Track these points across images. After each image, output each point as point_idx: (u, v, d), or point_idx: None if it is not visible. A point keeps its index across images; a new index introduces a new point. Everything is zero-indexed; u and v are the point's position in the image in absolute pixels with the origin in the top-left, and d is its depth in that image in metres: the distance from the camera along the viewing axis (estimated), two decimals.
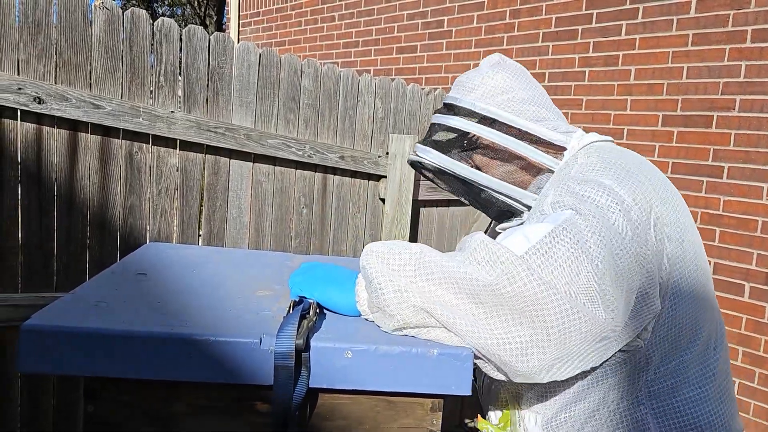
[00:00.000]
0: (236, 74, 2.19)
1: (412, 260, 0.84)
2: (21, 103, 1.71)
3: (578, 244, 0.83)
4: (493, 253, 0.81)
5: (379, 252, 0.86)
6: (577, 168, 0.99)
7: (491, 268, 0.80)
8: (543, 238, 0.84)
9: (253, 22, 6.06)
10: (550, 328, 0.78)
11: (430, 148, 1.12)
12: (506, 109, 1.08)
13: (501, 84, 1.10)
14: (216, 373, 0.72)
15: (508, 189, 1.09)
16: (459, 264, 0.82)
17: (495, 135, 1.07)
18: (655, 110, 2.97)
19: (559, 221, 0.86)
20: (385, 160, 2.66)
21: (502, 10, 3.69)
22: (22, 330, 0.68)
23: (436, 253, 0.86)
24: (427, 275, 0.83)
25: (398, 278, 0.83)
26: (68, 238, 1.87)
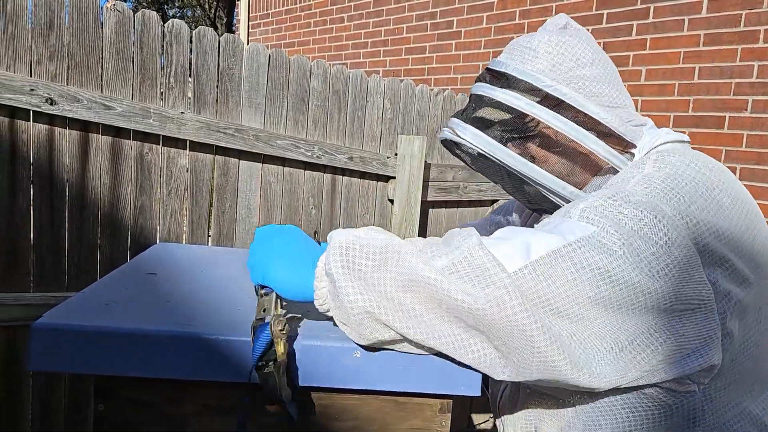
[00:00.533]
0: (246, 75, 2.20)
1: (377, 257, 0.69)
2: (33, 104, 1.73)
3: (584, 272, 0.68)
4: (482, 268, 0.67)
5: (343, 245, 0.70)
6: (636, 182, 0.79)
7: (476, 288, 0.66)
8: (546, 255, 0.69)
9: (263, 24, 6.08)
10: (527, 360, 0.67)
11: (472, 127, 0.90)
12: (577, 89, 0.87)
13: (572, 55, 0.88)
14: (224, 372, 0.72)
15: (563, 188, 0.89)
16: (438, 274, 0.67)
17: (560, 122, 0.86)
18: (666, 111, 2.95)
19: (574, 238, 0.70)
20: (394, 160, 2.66)
21: (512, 10, 3.68)
22: (33, 328, 0.68)
23: (408, 250, 0.70)
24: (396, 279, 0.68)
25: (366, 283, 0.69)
26: (79, 238, 1.88)
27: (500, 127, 0.90)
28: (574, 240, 0.70)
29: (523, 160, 0.89)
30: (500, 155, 0.89)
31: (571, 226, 0.73)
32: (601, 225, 0.71)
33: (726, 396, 0.81)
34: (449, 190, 2.88)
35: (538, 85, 0.87)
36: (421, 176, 2.65)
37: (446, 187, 2.87)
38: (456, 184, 2.90)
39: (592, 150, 0.88)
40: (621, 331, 0.70)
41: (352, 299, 0.69)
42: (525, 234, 0.73)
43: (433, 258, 0.70)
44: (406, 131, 2.76)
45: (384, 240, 0.71)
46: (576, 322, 0.69)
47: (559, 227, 0.74)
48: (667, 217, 0.72)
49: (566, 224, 0.74)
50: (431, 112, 2.88)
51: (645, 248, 0.70)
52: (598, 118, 0.87)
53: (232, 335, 0.72)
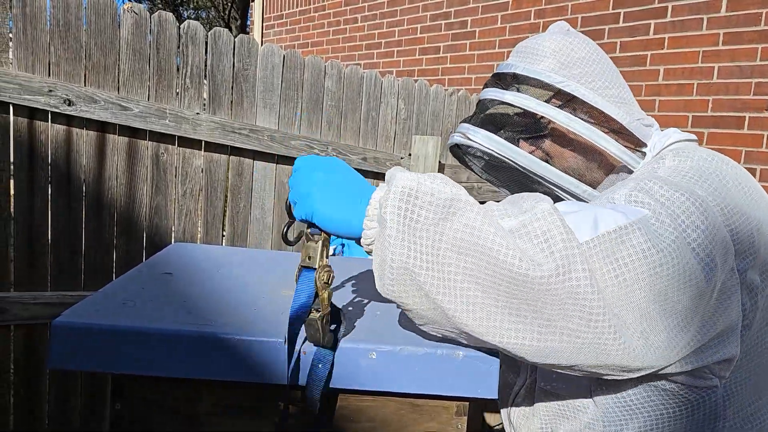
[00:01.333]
0: (260, 76, 2.21)
1: (440, 210, 0.62)
2: (52, 105, 1.75)
3: (648, 253, 0.65)
4: (553, 233, 0.62)
5: (405, 190, 0.62)
6: (666, 170, 0.79)
7: (544, 253, 0.61)
8: (614, 230, 0.65)
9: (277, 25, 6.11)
10: (577, 339, 0.64)
11: (484, 130, 0.88)
12: (587, 86, 0.86)
13: (578, 53, 0.87)
14: (240, 372, 0.72)
15: (577, 187, 0.87)
16: (503, 238, 0.61)
17: (572, 120, 0.85)
18: (684, 111, 2.91)
19: (634, 218, 0.67)
20: (408, 161, 2.65)
21: (527, 10, 3.66)
22: (52, 326, 0.69)
23: (475, 208, 0.63)
24: (455, 238, 0.61)
25: (418, 237, 0.62)
26: (96, 237, 1.90)
27: (512, 128, 0.89)
28: (635, 220, 0.67)
29: (536, 160, 0.87)
30: (513, 156, 0.87)
31: (625, 208, 0.70)
32: (652, 208, 0.69)
33: (746, 391, 0.80)
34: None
35: (549, 81, 0.86)
36: None
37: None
38: (470, 185, 2.89)
39: (604, 148, 0.86)
40: (670, 312, 0.67)
41: (397, 252, 0.62)
42: (591, 208, 0.70)
43: (502, 218, 0.65)
44: (420, 131, 2.75)
45: (450, 192, 0.63)
46: (634, 300, 0.65)
47: (615, 207, 0.70)
48: (705, 203, 0.71)
49: (618, 207, 0.71)
50: (445, 112, 2.87)
51: (691, 232, 0.68)
52: (611, 113, 0.85)
53: (248, 335, 0.72)
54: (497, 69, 0.95)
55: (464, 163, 1.00)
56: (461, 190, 0.65)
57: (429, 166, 2.62)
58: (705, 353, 0.73)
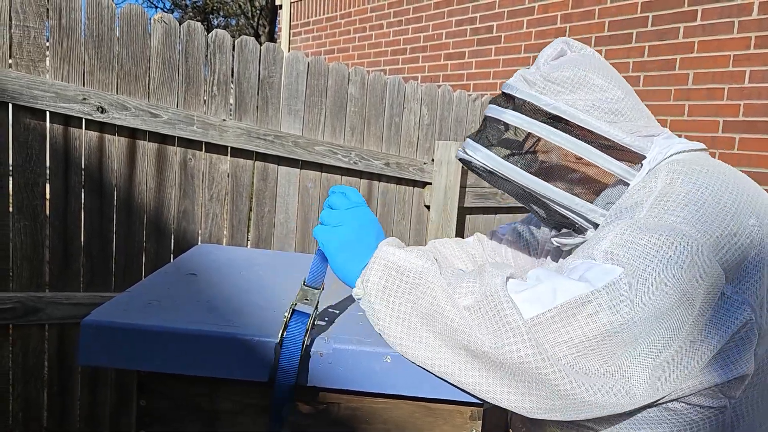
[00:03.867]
0: (285, 83, 2.25)
1: (409, 281, 0.76)
2: (85, 113, 1.81)
3: (608, 322, 0.69)
4: (499, 312, 0.70)
5: (383, 263, 0.78)
6: (654, 201, 0.80)
7: (489, 331, 0.70)
8: (571, 300, 0.70)
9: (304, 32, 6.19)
10: (552, 401, 0.70)
11: (482, 147, 0.94)
12: (575, 105, 0.90)
13: (573, 74, 0.92)
14: (260, 372, 0.74)
15: (573, 202, 0.90)
16: (460, 315, 0.72)
17: (561, 138, 0.89)
18: (715, 116, 2.85)
19: (601, 284, 0.71)
20: (431, 166, 2.66)
21: (553, 14, 3.64)
22: (82, 325, 0.72)
23: (438, 284, 0.75)
24: (418, 308, 0.74)
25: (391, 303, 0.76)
26: (126, 240, 1.96)
27: (507, 146, 0.94)
28: (602, 286, 0.71)
29: (530, 176, 0.91)
30: (508, 173, 0.92)
31: (597, 273, 0.73)
32: (627, 262, 0.72)
33: (756, 414, 0.80)
34: (487, 197, 2.86)
35: (538, 104, 0.91)
36: (458, 182, 2.64)
37: (483, 193, 2.85)
38: (494, 191, 2.88)
39: (596, 163, 0.90)
40: (650, 354, 0.71)
41: (378, 321, 0.77)
42: (555, 279, 0.74)
43: (463, 294, 0.74)
44: (443, 137, 2.76)
45: (421, 267, 0.77)
46: (603, 357, 0.70)
47: (586, 275, 0.74)
48: (689, 237, 0.73)
49: (592, 271, 0.74)
50: (469, 118, 2.87)
51: (671, 273, 0.71)
52: (600, 132, 0.89)
53: (267, 337, 0.74)
54: (502, 87, 1.01)
55: (473, 171, 1.06)
56: (433, 265, 0.77)
57: (452, 172, 2.62)
58: (711, 374, 0.74)
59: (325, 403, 0.79)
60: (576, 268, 0.77)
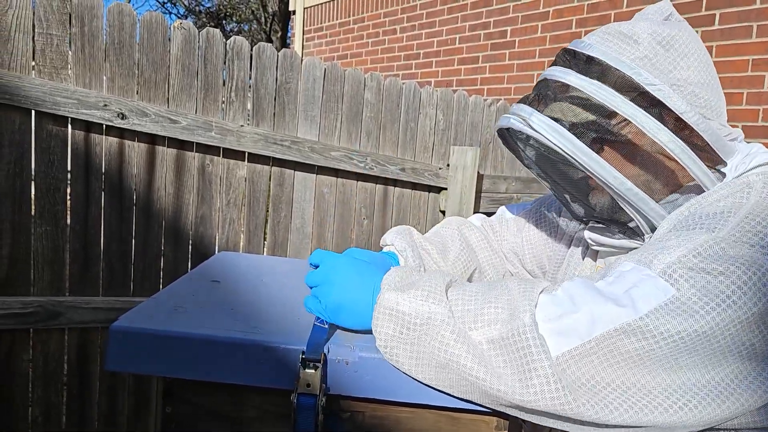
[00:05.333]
0: (302, 89, 2.26)
1: (417, 330, 0.70)
2: (106, 119, 1.83)
3: (642, 354, 0.63)
4: (529, 356, 0.64)
5: (387, 311, 0.72)
6: (741, 220, 0.69)
7: (518, 373, 0.64)
8: (607, 333, 0.63)
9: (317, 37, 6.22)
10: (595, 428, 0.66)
11: (551, 120, 0.77)
12: (681, 93, 0.75)
13: (678, 52, 0.76)
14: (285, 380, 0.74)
15: (643, 201, 0.77)
16: (477, 358, 0.66)
17: (659, 130, 0.75)
18: (733, 121, 2.82)
19: (647, 308, 0.63)
20: (446, 171, 2.65)
21: (568, 19, 3.62)
22: (111, 330, 0.73)
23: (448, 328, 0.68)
24: (431, 358, 0.69)
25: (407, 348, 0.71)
26: (145, 245, 1.98)
27: (585, 126, 0.77)
28: (646, 312, 0.63)
29: (608, 167, 0.76)
30: (582, 158, 0.76)
31: (647, 291, 0.64)
32: (684, 289, 0.64)
33: None
34: (502, 202, 2.85)
35: (639, 80, 0.75)
36: (473, 187, 2.63)
37: (499, 198, 2.84)
38: (509, 196, 2.87)
39: (685, 165, 0.76)
40: (697, 385, 0.65)
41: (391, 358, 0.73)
42: (593, 304, 0.65)
43: (486, 323, 0.67)
44: (458, 142, 2.76)
45: (427, 313, 0.70)
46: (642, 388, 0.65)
47: (634, 289, 0.65)
48: (764, 270, 0.64)
49: (642, 288, 0.65)
50: (484, 123, 2.86)
51: (734, 315, 0.62)
52: (698, 129, 0.76)
53: (292, 344, 0.75)
54: (574, 44, 0.82)
55: (509, 146, 0.92)
56: (440, 307, 0.69)
57: (467, 177, 2.62)
58: None
59: (350, 411, 0.79)
60: (624, 277, 0.68)
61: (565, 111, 0.79)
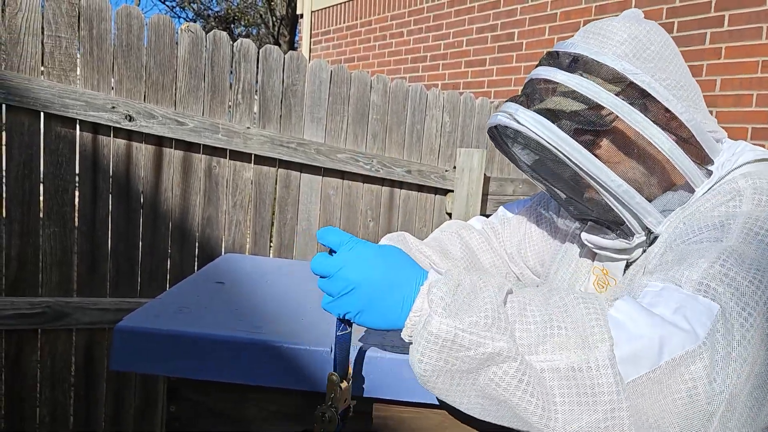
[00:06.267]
0: (308, 91, 2.27)
1: (474, 362, 0.59)
2: (114, 121, 1.85)
3: (711, 376, 0.57)
4: (602, 389, 0.56)
5: (440, 339, 0.59)
6: (742, 225, 0.68)
7: (586, 412, 0.57)
8: (679, 357, 0.56)
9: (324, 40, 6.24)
10: None
11: (538, 115, 0.76)
12: (661, 82, 0.75)
13: (654, 45, 0.76)
14: (288, 379, 0.74)
15: (633, 199, 0.76)
16: (537, 399, 0.58)
17: (641, 119, 0.74)
18: (743, 123, 2.80)
19: (702, 332, 0.58)
20: (453, 174, 2.65)
21: (576, 21, 3.61)
22: (116, 330, 0.73)
23: (516, 365, 0.58)
24: (484, 393, 0.60)
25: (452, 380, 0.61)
26: (152, 246, 1.99)
27: (570, 119, 0.76)
28: (705, 335, 0.58)
29: (594, 160, 0.75)
30: (568, 150, 0.75)
31: (696, 309, 0.60)
32: (725, 301, 0.60)
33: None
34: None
35: (621, 70, 0.74)
36: (480, 190, 2.62)
37: (506, 201, 2.83)
38: (516, 198, 2.86)
39: (675, 160, 0.75)
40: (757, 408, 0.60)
41: (430, 385, 0.62)
42: (661, 327, 0.59)
43: (550, 350, 0.58)
44: (465, 144, 2.75)
45: (492, 347, 0.58)
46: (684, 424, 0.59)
47: (683, 310, 0.60)
48: None
49: (691, 308, 0.60)
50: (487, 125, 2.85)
51: None
52: (683, 119, 0.75)
53: (296, 344, 0.74)
54: (557, 46, 0.83)
55: (500, 147, 0.90)
56: (504, 339, 0.58)
57: (474, 179, 2.61)
58: None
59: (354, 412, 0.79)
60: (662, 296, 0.62)
61: (551, 106, 0.79)
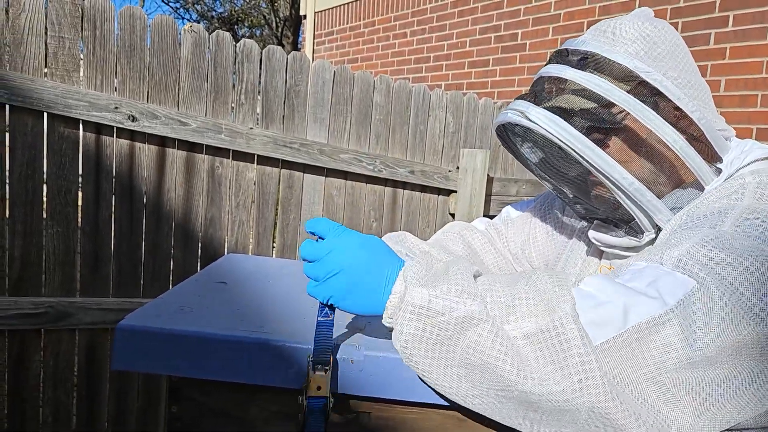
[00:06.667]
0: (311, 91, 2.27)
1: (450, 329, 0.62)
2: (117, 121, 1.85)
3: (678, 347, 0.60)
4: (570, 344, 0.59)
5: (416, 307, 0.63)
6: (739, 214, 0.70)
7: (556, 368, 0.59)
8: (644, 323, 0.60)
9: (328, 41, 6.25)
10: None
11: (549, 112, 0.77)
12: (673, 81, 0.76)
13: (663, 43, 0.77)
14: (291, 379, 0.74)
15: (644, 196, 0.77)
16: (511, 357, 0.60)
17: (658, 118, 0.74)
18: (748, 123, 2.78)
19: (674, 301, 0.61)
20: (456, 174, 2.64)
21: (579, 21, 3.61)
22: (116, 329, 0.73)
23: (486, 327, 0.61)
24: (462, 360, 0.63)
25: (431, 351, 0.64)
26: (154, 247, 1.99)
27: (582, 116, 0.76)
28: (674, 304, 0.61)
29: (606, 156, 0.76)
30: (580, 148, 0.75)
31: (669, 284, 0.63)
32: (701, 278, 0.62)
33: None
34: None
35: (632, 68, 0.75)
36: (483, 190, 2.62)
37: (509, 201, 2.82)
38: (520, 199, 2.85)
39: (686, 158, 0.76)
40: (717, 383, 0.62)
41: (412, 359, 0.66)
42: (625, 295, 0.63)
43: (520, 317, 0.62)
44: (468, 145, 2.75)
45: (464, 310, 0.62)
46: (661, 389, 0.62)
47: (656, 283, 0.64)
48: None
49: (663, 281, 0.64)
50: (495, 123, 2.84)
51: (751, 302, 0.61)
52: (693, 117, 0.76)
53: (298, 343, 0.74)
54: (567, 44, 0.83)
55: (508, 147, 0.91)
56: (476, 304, 0.62)
57: (477, 180, 2.61)
58: None
59: (356, 411, 0.79)
60: (642, 273, 0.66)
61: (562, 104, 0.79)
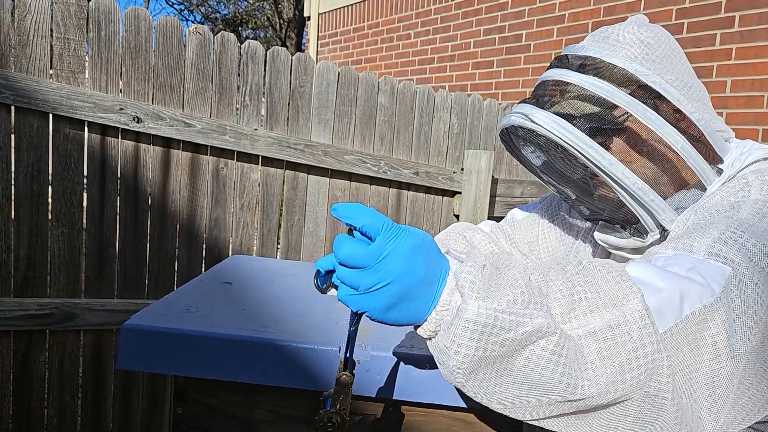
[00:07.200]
0: (316, 93, 2.27)
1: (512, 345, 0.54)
2: (122, 123, 1.85)
3: (726, 339, 0.60)
4: (644, 343, 0.56)
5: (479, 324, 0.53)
6: (752, 205, 0.72)
7: (626, 369, 0.56)
8: (698, 311, 0.59)
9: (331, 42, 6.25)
10: None
11: (553, 114, 0.78)
12: (672, 83, 0.78)
13: (662, 48, 0.80)
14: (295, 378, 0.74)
15: (649, 196, 0.78)
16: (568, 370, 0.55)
17: (659, 119, 0.77)
18: (754, 124, 2.77)
19: (718, 288, 0.61)
20: (460, 175, 2.64)
21: (584, 22, 3.60)
22: (121, 329, 0.72)
23: (556, 339, 0.54)
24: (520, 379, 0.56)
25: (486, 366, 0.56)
26: (159, 248, 1.99)
27: (585, 119, 0.78)
28: (720, 291, 0.61)
29: (610, 157, 0.77)
30: (584, 148, 0.76)
31: (708, 268, 0.62)
32: (736, 264, 0.63)
33: None
34: (517, 206, 2.82)
35: (632, 71, 0.77)
36: (488, 191, 2.61)
37: (514, 202, 2.81)
38: (524, 200, 2.84)
39: (688, 158, 0.78)
40: None
41: (458, 379, 0.56)
42: (677, 281, 0.61)
43: (582, 314, 0.56)
44: (473, 146, 2.74)
45: (533, 324, 0.54)
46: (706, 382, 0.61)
47: (697, 269, 0.62)
48: None
49: (701, 266, 0.63)
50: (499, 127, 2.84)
51: None
52: (693, 118, 0.78)
53: (304, 343, 0.74)
54: (567, 50, 0.85)
55: (512, 150, 0.92)
56: (542, 314, 0.54)
57: (482, 181, 2.60)
58: None
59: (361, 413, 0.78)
60: (676, 260, 0.64)
61: (565, 106, 0.81)
